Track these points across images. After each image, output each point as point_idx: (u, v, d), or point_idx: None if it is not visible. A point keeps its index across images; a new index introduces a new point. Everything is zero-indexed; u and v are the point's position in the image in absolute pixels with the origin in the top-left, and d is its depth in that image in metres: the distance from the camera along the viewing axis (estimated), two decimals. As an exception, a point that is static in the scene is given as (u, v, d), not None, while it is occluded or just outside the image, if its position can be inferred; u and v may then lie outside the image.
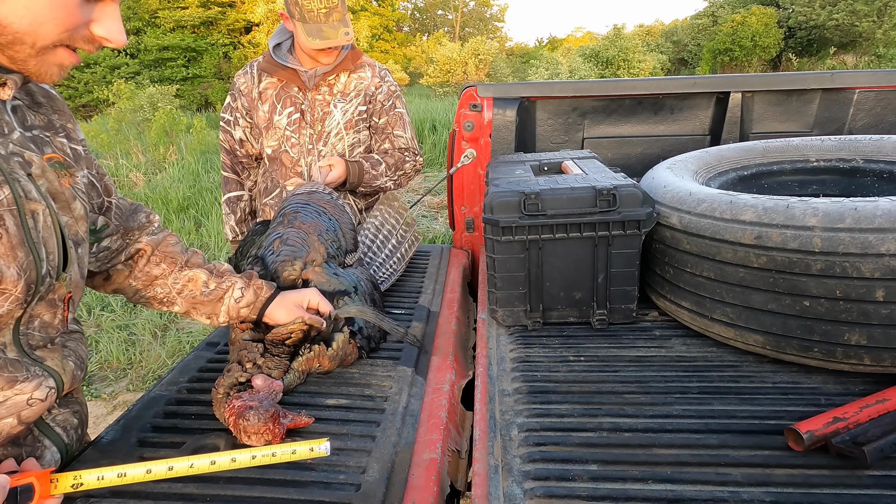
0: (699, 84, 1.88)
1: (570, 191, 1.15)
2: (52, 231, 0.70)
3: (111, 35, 0.65)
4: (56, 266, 0.71)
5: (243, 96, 1.81)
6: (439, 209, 5.91)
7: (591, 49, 22.30)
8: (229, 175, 1.94)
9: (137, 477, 0.68)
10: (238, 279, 1.04)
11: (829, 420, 0.77)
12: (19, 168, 0.67)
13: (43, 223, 0.69)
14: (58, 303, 0.74)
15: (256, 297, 1.04)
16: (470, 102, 1.91)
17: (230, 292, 1.02)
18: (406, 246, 1.64)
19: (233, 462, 0.73)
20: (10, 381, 0.67)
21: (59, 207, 0.73)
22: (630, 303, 1.20)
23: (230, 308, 1.03)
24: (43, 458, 0.76)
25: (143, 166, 7.66)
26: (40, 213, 0.69)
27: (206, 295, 1.01)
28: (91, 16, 0.64)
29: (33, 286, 0.68)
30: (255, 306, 1.04)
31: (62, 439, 0.79)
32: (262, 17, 18.89)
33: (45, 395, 0.71)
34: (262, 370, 0.96)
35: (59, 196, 0.73)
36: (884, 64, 18.79)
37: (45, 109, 0.78)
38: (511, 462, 0.80)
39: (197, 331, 3.29)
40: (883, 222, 0.83)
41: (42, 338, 0.74)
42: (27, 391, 0.69)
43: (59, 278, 0.73)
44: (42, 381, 0.71)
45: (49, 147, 0.75)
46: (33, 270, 0.67)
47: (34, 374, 0.71)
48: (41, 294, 0.70)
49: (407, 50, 34.15)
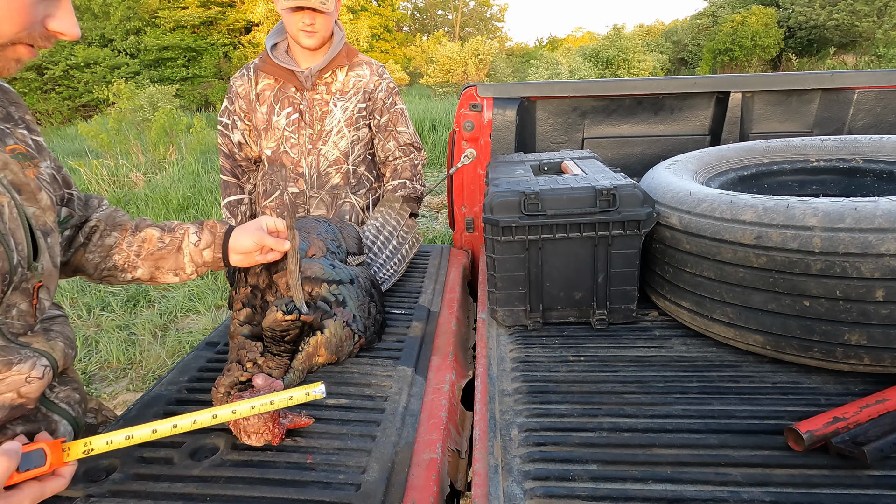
0: (699, 84, 1.88)
1: (570, 191, 1.15)
2: (19, 223, 0.71)
3: (66, 29, 0.67)
4: (27, 256, 0.73)
5: (241, 99, 1.81)
6: (439, 209, 5.91)
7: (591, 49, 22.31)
8: (229, 179, 1.93)
9: (144, 437, 0.70)
10: (190, 225, 1.03)
11: (829, 420, 0.77)
12: None
13: (9, 215, 0.70)
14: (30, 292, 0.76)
15: (213, 235, 1.02)
16: (470, 102, 1.91)
17: (186, 238, 1.01)
18: (407, 247, 1.64)
19: (233, 414, 0.74)
20: (6, 364, 0.71)
21: (25, 199, 0.73)
22: (630, 303, 1.20)
23: (192, 254, 1.01)
24: (57, 432, 0.81)
25: (143, 166, 7.66)
26: (5, 205, 0.70)
27: (163, 249, 1.00)
28: (46, 12, 0.66)
29: (6, 276, 0.69)
30: (217, 244, 1.02)
31: (70, 413, 0.84)
32: (262, 17, 18.90)
33: (41, 374, 0.75)
34: (263, 369, 0.96)
35: (24, 187, 0.73)
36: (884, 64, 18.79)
37: (2, 102, 0.79)
38: (511, 462, 0.80)
39: (197, 331, 3.29)
40: (883, 222, 0.83)
41: (22, 325, 0.76)
42: (24, 371, 0.73)
43: (31, 268, 0.74)
44: (36, 361, 0.75)
45: (11, 139, 0.75)
46: (5, 261, 0.68)
47: (27, 356, 0.74)
48: (15, 284, 0.72)
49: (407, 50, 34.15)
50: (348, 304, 1.11)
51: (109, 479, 0.79)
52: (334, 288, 1.11)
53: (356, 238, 1.45)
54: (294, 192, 1.84)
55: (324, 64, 1.75)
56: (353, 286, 1.18)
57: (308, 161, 1.81)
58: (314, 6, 1.60)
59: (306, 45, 1.69)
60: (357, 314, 1.12)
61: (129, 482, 0.78)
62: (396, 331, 1.25)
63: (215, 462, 0.82)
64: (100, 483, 0.78)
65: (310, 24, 1.65)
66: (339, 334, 1.06)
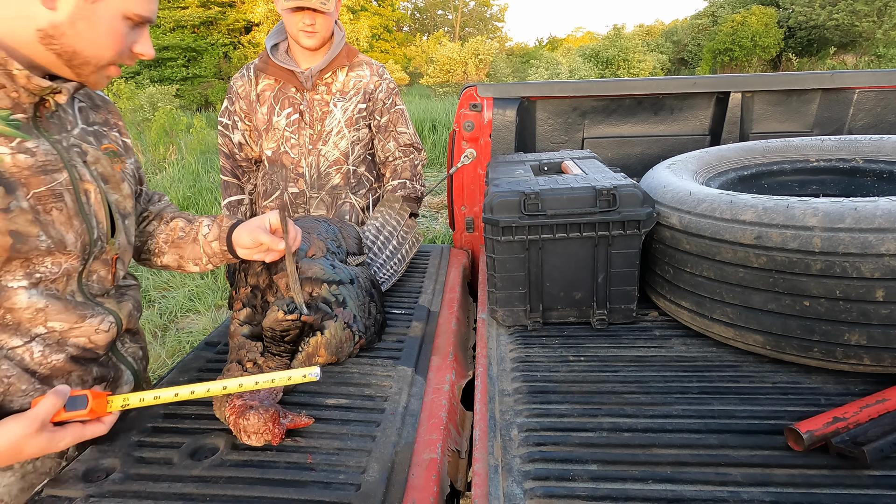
0: (699, 84, 1.88)
1: (570, 191, 1.15)
2: (102, 205, 0.90)
3: (146, 51, 0.86)
4: (106, 233, 0.92)
5: (241, 99, 1.81)
6: (439, 209, 5.91)
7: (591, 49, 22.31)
8: (229, 179, 1.93)
9: (168, 398, 0.82)
10: (205, 218, 1.13)
11: (829, 420, 0.77)
12: (77, 156, 0.87)
13: (94, 199, 0.89)
14: (108, 262, 0.94)
15: (220, 229, 1.11)
16: (470, 102, 1.91)
17: (200, 231, 1.11)
18: (407, 247, 1.64)
19: (240, 387, 0.83)
20: (81, 317, 0.88)
21: (111, 187, 0.94)
22: (630, 303, 1.20)
23: (204, 246, 1.10)
24: (121, 379, 0.98)
25: (144, 166, 7.62)
26: (91, 191, 0.88)
27: (184, 238, 1.11)
28: (133, 39, 0.83)
29: (88, 248, 0.88)
30: (222, 238, 1.10)
31: (133, 366, 1.02)
32: (262, 17, 18.89)
33: (108, 328, 0.93)
34: (263, 370, 0.96)
35: (111, 178, 0.93)
36: (884, 64, 18.79)
37: (103, 110, 1.00)
38: (511, 462, 0.80)
39: (197, 330, 3.29)
40: (883, 222, 0.83)
41: (100, 288, 0.94)
42: (94, 325, 0.90)
43: (109, 242, 0.93)
44: (104, 318, 0.93)
45: (106, 139, 0.97)
46: (86, 235, 0.87)
47: (98, 313, 0.92)
48: (95, 254, 0.90)
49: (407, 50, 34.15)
50: (348, 305, 1.11)
51: (109, 480, 0.79)
52: (334, 288, 1.11)
53: (356, 238, 1.45)
54: (294, 193, 1.84)
55: (324, 64, 1.75)
56: (354, 286, 1.18)
57: (308, 161, 1.81)
58: (314, 6, 1.60)
59: (306, 46, 1.69)
60: (357, 314, 1.13)
61: (129, 482, 0.78)
62: (396, 331, 1.25)
63: (215, 462, 0.82)
64: (100, 483, 0.78)
65: (310, 24, 1.65)
66: (340, 335, 1.06)
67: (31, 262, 0.81)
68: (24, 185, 0.78)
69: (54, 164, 0.83)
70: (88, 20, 0.76)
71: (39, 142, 0.81)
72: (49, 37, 0.75)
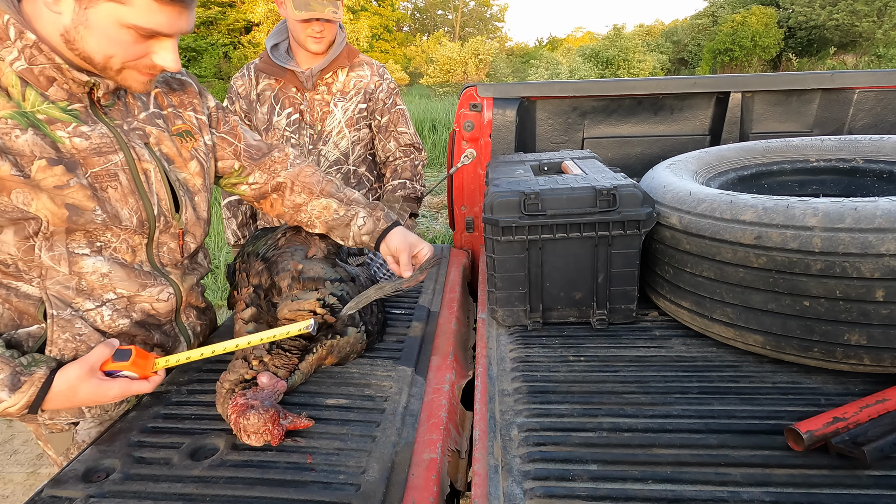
0: (699, 84, 1.88)
1: (570, 191, 1.15)
2: (163, 184, 0.97)
3: (165, 64, 0.86)
4: (169, 209, 0.99)
5: (241, 99, 1.81)
6: (439, 209, 5.91)
7: (591, 49, 22.32)
8: None
9: (194, 356, 0.93)
10: (361, 208, 1.19)
11: (828, 420, 0.77)
12: (137, 138, 0.94)
13: (154, 178, 0.95)
14: (176, 236, 1.02)
15: (375, 226, 1.18)
16: (470, 102, 1.91)
17: (355, 220, 1.18)
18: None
19: (248, 343, 0.94)
20: (142, 286, 0.97)
21: (177, 166, 1.01)
22: (630, 303, 1.20)
23: (355, 234, 1.18)
24: (177, 349, 1.08)
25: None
26: (151, 170, 0.95)
27: (337, 220, 1.19)
28: (150, 49, 0.83)
29: (146, 222, 0.95)
30: (373, 236, 1.18)
31: (189, 336, 1.12)
32: (262, 17, 18.90)
33: (167, 297, 1.01)
34: (269, 367, 0.96)
35: (176, 158, 1.01)
36: (884, 64, 18.80)
37: (178, 93, 1.06)
38: (511, 462, 0.80)
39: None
40: (883, 222, 0.83)
41: (170, 259, 1.03)
42: (154, 294, 0.99)
43: (174, 217, 1.00)
44: (164, 288, 1.01)
45: (180, 120, 1.03)
46: (143, 211, 0.94)
47: (160, 283, 1.00)
48: (160, 228, 0.98)
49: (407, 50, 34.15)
50: (355, 314, 1.12)
51: (109, 480, 0.79)
52: (335, 287, 1.11)
53: None
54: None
55: (325, 64, 1.75)
56: (355, 285, 1.18)
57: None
58: (328, 17, 1.62)
59: (314, 51, 1.71)
60: (358, 314, 1.13)
61: (129, 482, 0.78)
62: (396, 331, 1.25)
63: (215, 462, 0.82)
64: (100, 483, 0.78)
65: (319, 30, 1.67)
66: (356, 345, 1.08)
67: (91, 233, 0.90)
68: (83, 164, 0.86)
69: (109, 146, 0.89)
70: (86, 26, 0.78)
71: (96, 126, 0.88)
72: (67, 41, 0.79)
